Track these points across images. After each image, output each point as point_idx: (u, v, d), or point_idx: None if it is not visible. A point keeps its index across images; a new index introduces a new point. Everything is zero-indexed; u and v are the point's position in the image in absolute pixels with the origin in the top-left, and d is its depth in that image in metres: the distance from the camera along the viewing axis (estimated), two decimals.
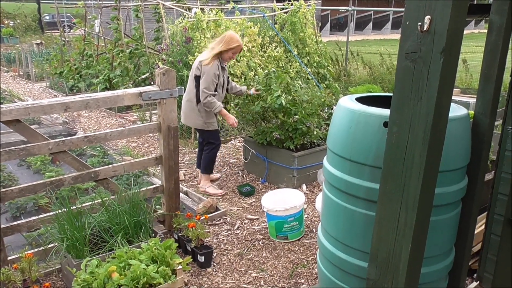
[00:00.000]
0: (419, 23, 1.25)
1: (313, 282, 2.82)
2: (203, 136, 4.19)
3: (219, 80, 3.94)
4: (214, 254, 3.11)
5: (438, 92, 1.26)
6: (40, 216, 2.82)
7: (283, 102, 4.07)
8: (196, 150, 5.41)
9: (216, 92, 3.93)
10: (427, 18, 1.23)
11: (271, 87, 4.20)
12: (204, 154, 4.17)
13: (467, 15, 1.35)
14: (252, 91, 4.30)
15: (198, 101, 3.93)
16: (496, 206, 2.28)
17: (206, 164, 4.18)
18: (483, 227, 2.56)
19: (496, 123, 3.76)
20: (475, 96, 2.01)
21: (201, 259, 2.93)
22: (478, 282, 2.53)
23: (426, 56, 1.26)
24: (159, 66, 5.25)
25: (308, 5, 7.97)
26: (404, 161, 1.37)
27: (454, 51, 1.26)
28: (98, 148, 5.23)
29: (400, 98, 1.35)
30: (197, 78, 3.91)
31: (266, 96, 4.20)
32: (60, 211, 2.71)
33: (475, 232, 2.59)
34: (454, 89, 7.70)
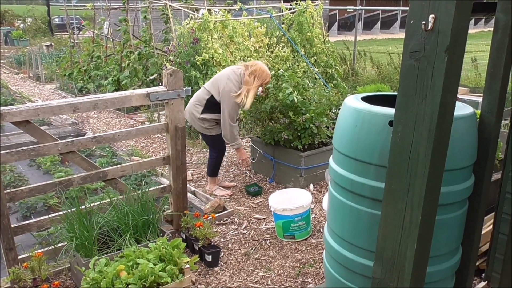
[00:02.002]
0: (423, 22, 1.25)
1: (320, 282, 2.82)
2: (206, 140, 4.18)
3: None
4: (222, 254, 3.12)
5: (442, 90, 1.26)
6: (49, 216, 2.86)
7: (295, 98, 4.08)
8: (203, 150, 5.44)
9: (237, 122, 3.94)
10: (431, 17, 1.24)
11: (283, 85, 4.21)
12: (209, 160, 4.18)
13: (472, 14, 1.35)
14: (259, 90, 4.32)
15: (202, 112, 3.90)
16: (504, 205, 2.27)
17: (211, 169, 4.19)
18: (491, 226, 2.54)
19: (505, 122, 3.74)
20: None
21: (209, 258, 2.95)
22: (486, 281, 2.52)
23: (430, 55, 1.26)
24: (166, 67, 5.28)
25: (316, 5, 7.97)
26: (409, 160, 1.38)
27: (459, 49, 1.26)
28: (107, 149, 5.27)
29: (405, 97, 1.36)
30: (212, 97, 3.87)
31: (276, 94, 4.21)
32: (69, 210, 2.75)
33: (484, 231, 2.58)
34: (463, 88, 7.68)
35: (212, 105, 3.89)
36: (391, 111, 1.75)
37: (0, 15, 23.38)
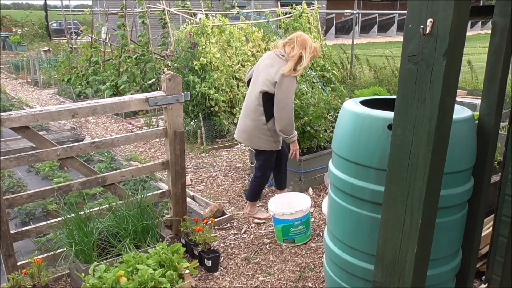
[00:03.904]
0: (421, 26, 1.26)
1: (321, 286, 2.82)
2: (260, 157, 3.63)
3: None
4: (221, 258, 3.11)
5: (441, 94, 1.26)
6: (49, 222, 2.86)
7: None
8: (202, 155, 5.44)
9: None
10: (429, 21, 1.24)
11: None
12: (252, 182, 3.73)
13: (470, 17, 1.35)
14: None
15: (267, 119, 3.44)
16: (503, 207, 2.26)
17: (253, 192, 3.73)
18: (491, 229, 2.54)
19: (503, 124, 3.75)
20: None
21: (208, 263, 2.94)
22: (486, 284, 2.52)
23: (429, 58, 1.27)
24: (164, 72, 5.28)
25: (311, 9, 7.99)
26: (408, 163, 1.38)
27: (457, 53, 1.26)
28: (106, 154, 5.27)
29: (404, 101, 1.36)
30: (267, 95, 3.39)
31: None
32: (68, 216, 2.74)
33: (483, 234, 2.58)
34: (461, 90, 7.71)
35: (271, 104, 3.40)
36: (390, 114, 1.76)
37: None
